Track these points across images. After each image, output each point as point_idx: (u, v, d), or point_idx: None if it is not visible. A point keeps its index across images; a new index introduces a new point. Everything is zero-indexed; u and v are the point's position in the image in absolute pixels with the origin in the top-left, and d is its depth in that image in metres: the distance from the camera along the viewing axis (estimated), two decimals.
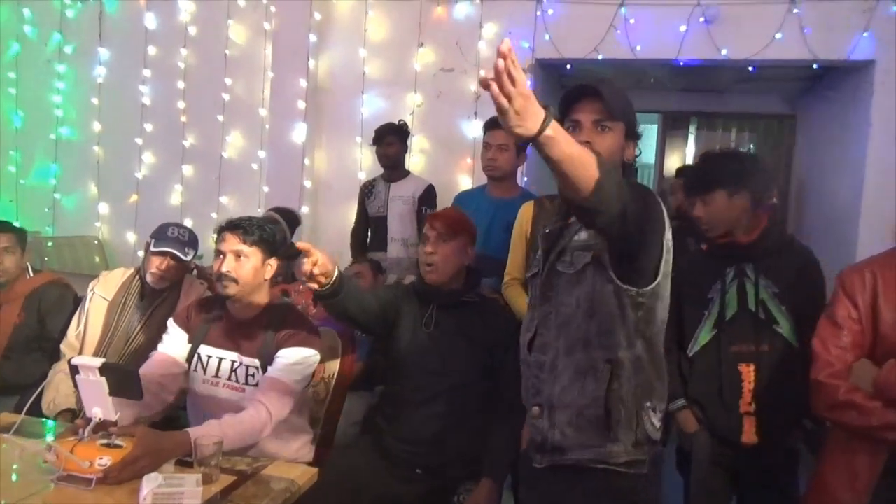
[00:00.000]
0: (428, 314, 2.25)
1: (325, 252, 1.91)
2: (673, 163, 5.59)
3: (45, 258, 4.75)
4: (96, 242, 5.00)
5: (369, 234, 3.97)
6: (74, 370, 1.54)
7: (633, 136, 1.67)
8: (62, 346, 2.62)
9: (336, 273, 1.96)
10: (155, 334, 2.56)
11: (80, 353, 2.58)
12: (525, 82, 1.13)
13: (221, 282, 2.06)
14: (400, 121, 3.95)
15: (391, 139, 3.81)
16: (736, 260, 2.04)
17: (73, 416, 2.43)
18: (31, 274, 2.92)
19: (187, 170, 4.82)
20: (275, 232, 2.17)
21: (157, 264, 2.55)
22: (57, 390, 2.46)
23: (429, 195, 3.82)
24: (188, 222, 4.57)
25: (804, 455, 2.06)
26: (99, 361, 1.55)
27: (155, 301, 2.63)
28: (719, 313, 2.02)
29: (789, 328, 1.95)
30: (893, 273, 1.66)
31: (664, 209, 1.54)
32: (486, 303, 2.35)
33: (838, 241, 3.86)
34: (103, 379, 1.53)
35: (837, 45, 3.66)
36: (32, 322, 2.82)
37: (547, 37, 4.06)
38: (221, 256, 2.08)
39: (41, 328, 2.81)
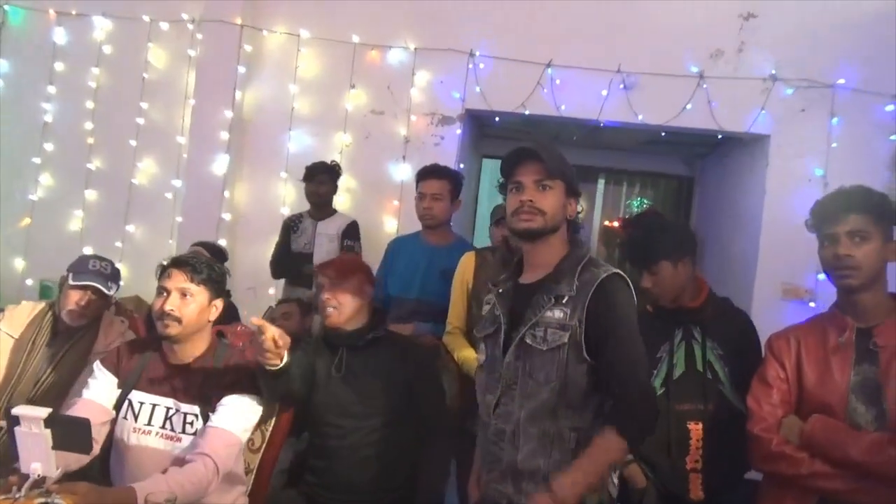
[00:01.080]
0: (338, 360, 2.26)
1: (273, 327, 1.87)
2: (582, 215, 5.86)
3: None
4: None
5: (291, 270, 3.86)
6: (14, 421, 1.39)
7: (573, 193, 1.75)
8: None
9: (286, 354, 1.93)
10: (67, 375, 2.38)
11: None
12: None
13: (163, 321, 1.94)
14: (332, 161, 3.93)
15: (323, 178, 3.79)
16: (683, 322, 2.16)
17: None
18: None
19: (90, 194, 4.52)
20: (223, 272, 2.09)
21: (75, 299, 2.37)
22: None
23: (351, 229, 3.82)
24: (88, 250, 4.27)
25: None
26: (44, 412, 1.41)
27: (69, 340, 2.43)
28: (668, 372, 2.12)
29: (731, 388, 2.08)
30: (814, 338, 1.84)
31: (632, 289, 1.66)
32: (395, 337, 2.38)
33: (734, 297, 4.14)
34: (48, 431, 1.39)
35: (738, 119, 4.02)
36: None
37: (477, 89, 4.19)
38: (165, 294, 1.96)
39: None
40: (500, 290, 1.80)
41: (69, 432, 1.42)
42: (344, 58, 4.29)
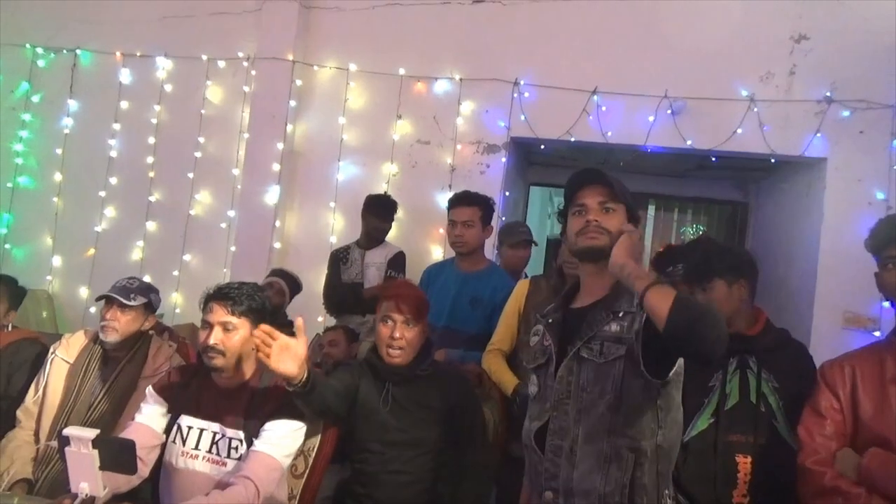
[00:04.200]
0: (385, 392, 2.25)
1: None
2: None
3: None
4: (45, 297, 4.78)
5: (345, 301, 3.91)
6: (65, 441, 1.45)
7: (634, 218, 1.74)
8: (18, 413, 2.45)
9: (306, 370, 1.94)
10: (119, 400, 2.46)
11: (39, 419, 2.43)
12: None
13: (208, 353, 2.00)
14: (390, 197, 3.98)
15: (385, 215, 3.85)
16: (738, 351, 2.09)
17: (30, 486, 2.27)
18: (10, 329, 2.76)
19: (151, 226, 4.72)
20: (264, 300, 2.12)
21: (104, 315, 2.48)
22: (12, 459, 2.30)
23: (397, 260, 3.83)
24: (147, 279, 4.42)
25: None
26: (93, 433, 1.47)
27: (118, 365, 2.51)
28: (719, 402, 2.05)
29: (784, 424, 2.00)
30: (870, 366, 1.75)
31: None
32: (439, 371, 2.35)
33: (793, 326, 3.95)
34: (95, 452, 1.45)
35: (792, 142, 3.92)
36: (0, 380, 2.64)
37: (522, 117, 4.22)
38: (209, 328, 2.02)
39: (7, 387, 2.63)
40: (550, 321, 1.79)
41: (115, 453, 1.47)
42: (391, 90, 4.38)
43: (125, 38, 4.74)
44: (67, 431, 1.46)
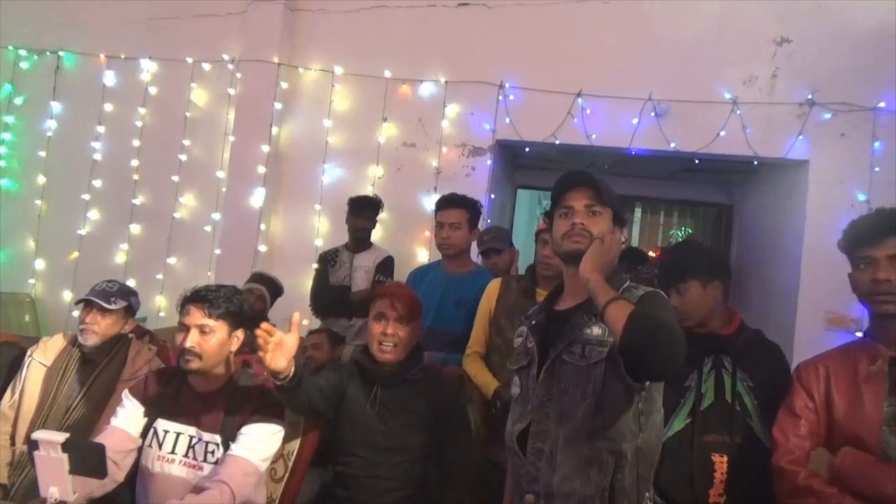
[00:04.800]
0: (372, 394, 2.24)
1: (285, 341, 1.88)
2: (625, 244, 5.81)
3: None
4: (28, 300, 4.74)
5: (333, 303, 3.89)
6: (34, 445, 1.44)
7: (620, 221, 1.75)
8: None
9: (293, 365, 1.93)
10: (97, 404, 2.43)
11: (15, 423, 2.40)
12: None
13: (185, 356, 1.98)
14: (375, 195, 3.98)
15: (369, 213, 3.83)
16: (713, 351, 2.10)
17: (5, 492, 2.24)
18: None
19: (135, 229, 4.69)
20: (242, 303, 2.11)
21: (83, 318, 2.45)
22: None
23: (386, 264, 3.82)
24: (131, 282, 4.40)
25: None
26: (62, 437, 1.45)
27: (96, 368, 2.49)
28: (695, 402, 2.05)
29: (759, 423, 2.00)
30: (844, 367, 1.76)
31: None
32: (429, 377, 2.34)
33: (776, 327, 4.03)
34: (65, 456, 1.43)
35: (775, 145, 3.94)
36: None
37: (507, 119, 4.23)
38: (185, 330, 2.00)
39: None
40: (534, 322, 1.79)
41: (85, 457, 1.45)
42: (376, 92, 4.38)
43: (109, 40, 4.71)
44: (36, 435, 1.44)
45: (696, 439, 2.04)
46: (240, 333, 2.08)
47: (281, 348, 1.85)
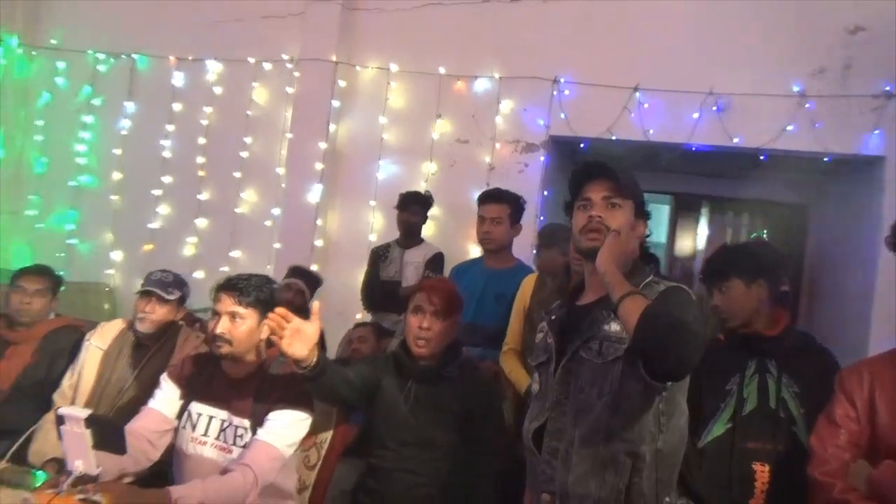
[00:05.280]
0: (407, 389, 2.23)
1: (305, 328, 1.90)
2: (684, 244, 5.59)
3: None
4: (107, 289, 5.02)
5: (383, 297, 3.94)
6: (60, 420, 1.52)
7: (641, 213, 1.68)
8: (54, 396, 2.58)
9: (316, 354, 1.95)
10: (147, 387, 2.53)
11: (73, 403, 2.54)
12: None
13: (216, 342, 2.05)
14: (426, 191, 4.01)
15: (416, 208, 3.86)
16: (758, 353, 2.00)
17: (60, 466, 2.37)
18: (52, 317, 2.92)
19: (201, 223, 4.88)
20: (272, 292, 2.16)
21: (142, 307, 2.57)
22: (45, 439, 2.41)
23: (435, 261, 3.82)
24: (199, 275, 4.60)
25: None
26: (85, 413, 1.52)
27: (148, 352, 2.60)
28: (736, 407, 1.96)
29: (805, 431, 1.89)
30: (890, 374, 1.64)
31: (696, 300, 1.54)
32: (464, 374, 2.31)
33: (850, 339, 3.79)
34: (88, 431, 1.50)
35: (848, 140, 3.70)
36: (43, 365, 2.79)
37: (562, 115, 4.15)
38: (217, 317, 2.06)
39: (49, 372, 2.77)
40: (553, 318, 1.75)
41: (106, 434, 1.52)
42: (431, 89, 4.40)
43: (179, 43, 4.92)
44: (62, 410, 1.52)
45: (737, 446, 1.96)
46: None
47: (299, 335, 1.87)
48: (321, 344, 3.49)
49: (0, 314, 2.87)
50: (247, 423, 2.04)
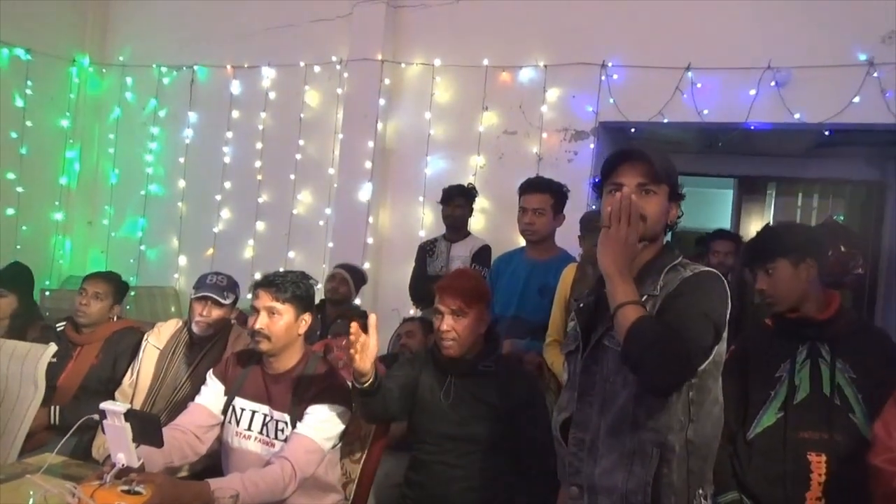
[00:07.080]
0: (446, 384, 2.20)
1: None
2: (750, 230, 5.36)
3: (127, 307, 5.02)
4: (173, 293, 5.26)
5: (430, 292, 3.95)
6: (102, 415, 1.59)
7: (676, 197, 1.61)
8: (116, 393, 2.71)
9: (374, 370, 1.96)
10: (200, 384, 2.61)
11: (132, 400, 2.67)
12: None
13: (255, 338, 2.09)
14: (469, 184, 3.99)
15: (459, 201, 3.85)
16: (809, 338, 1.89)
17: None
18: (115, 320, 3.08)
19: (260, 225, 5.04)
20: (309, 288, 2.19)
21: (199, 311, 2.65)
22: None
23: (482, 253, 3.80)
24: (257, 276, 4.70)
25: None
26: (124, 407, 1.58)
27: (201, 351, 2.70)
28: (787, 394, 1.86)
29: (864, 419, 1.77)
30: None
31: (726, 286, 1.49)
32: (504, 367, 2.27)
33: None
34: (128, 425, 1.56)
35: None
36: (107, 365, 2.92)
37: (611, 100, 4.05)
38: (256, 313, 2.11)
39: (113, 372, 2.91)
40: (581, 305, 1.70)
41: (144, 427, 1.58)
42: (476, 82, 4.37)
43: (235, 52, 5.09)
44: (104, 405, 1.59)
45: (790, 436, 1.85)
46: (307, 317, 2.16)
47: (366, 351, 1.89)
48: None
49: (68, 318, 3.04)
50: (287, 417, 2.08)
